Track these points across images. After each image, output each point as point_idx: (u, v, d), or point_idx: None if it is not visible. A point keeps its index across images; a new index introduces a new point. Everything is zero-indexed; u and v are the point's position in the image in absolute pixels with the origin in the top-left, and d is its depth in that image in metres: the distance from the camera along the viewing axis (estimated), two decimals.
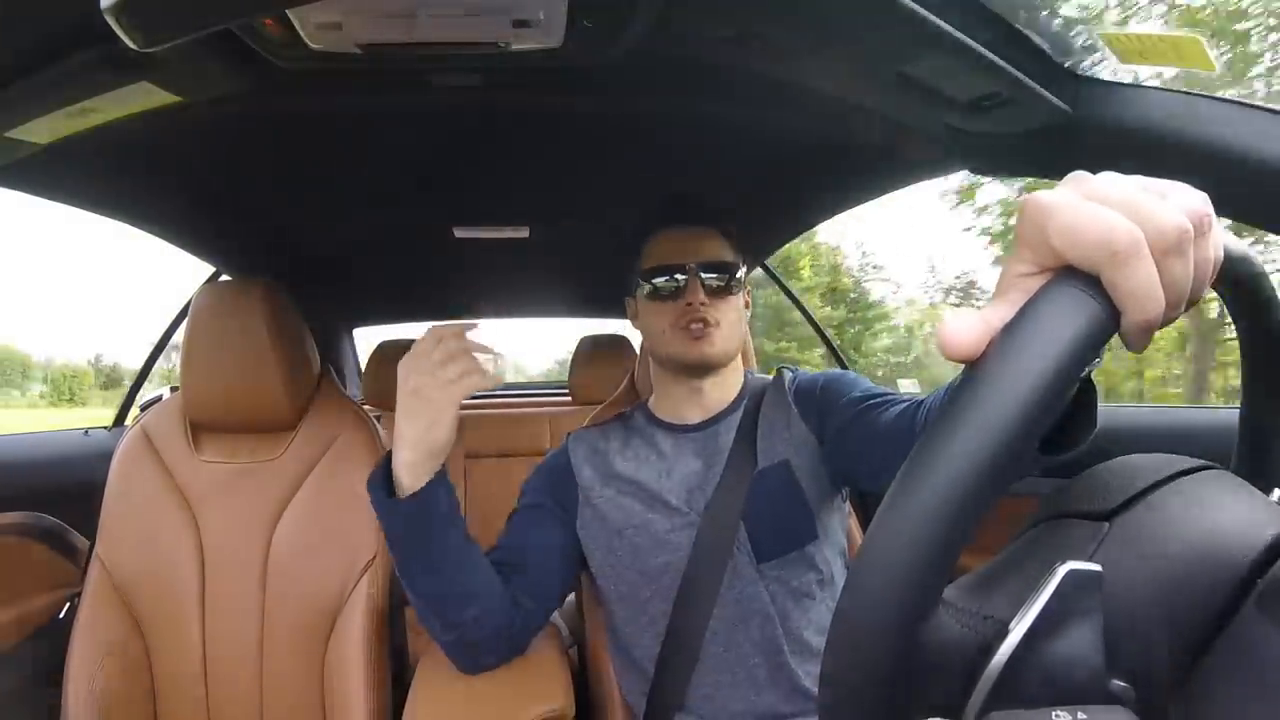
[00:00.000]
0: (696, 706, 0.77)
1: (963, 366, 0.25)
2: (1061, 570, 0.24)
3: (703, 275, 0.81)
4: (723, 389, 0.87)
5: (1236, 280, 0.29)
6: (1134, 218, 0.23)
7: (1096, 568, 0.24)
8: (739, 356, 0.88)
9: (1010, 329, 0.23)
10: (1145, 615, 0.24)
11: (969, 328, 0.24)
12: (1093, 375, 0.32)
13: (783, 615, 0.77)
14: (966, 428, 0.22)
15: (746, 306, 0.87)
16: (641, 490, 0.82)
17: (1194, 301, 0.25)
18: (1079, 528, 0.28)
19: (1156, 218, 0.23)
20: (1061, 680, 0.23)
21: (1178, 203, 0.24)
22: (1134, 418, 1.16)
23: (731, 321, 0.82)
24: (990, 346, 0.24)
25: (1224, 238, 0.27)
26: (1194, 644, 0.24)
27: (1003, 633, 0.24)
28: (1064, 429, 0.33)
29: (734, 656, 0.76)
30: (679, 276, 0.81)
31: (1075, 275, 0.23)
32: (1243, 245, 0.28)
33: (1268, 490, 0.30)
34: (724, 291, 0.82)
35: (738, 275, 0.84)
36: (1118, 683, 0.24)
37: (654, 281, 0.83)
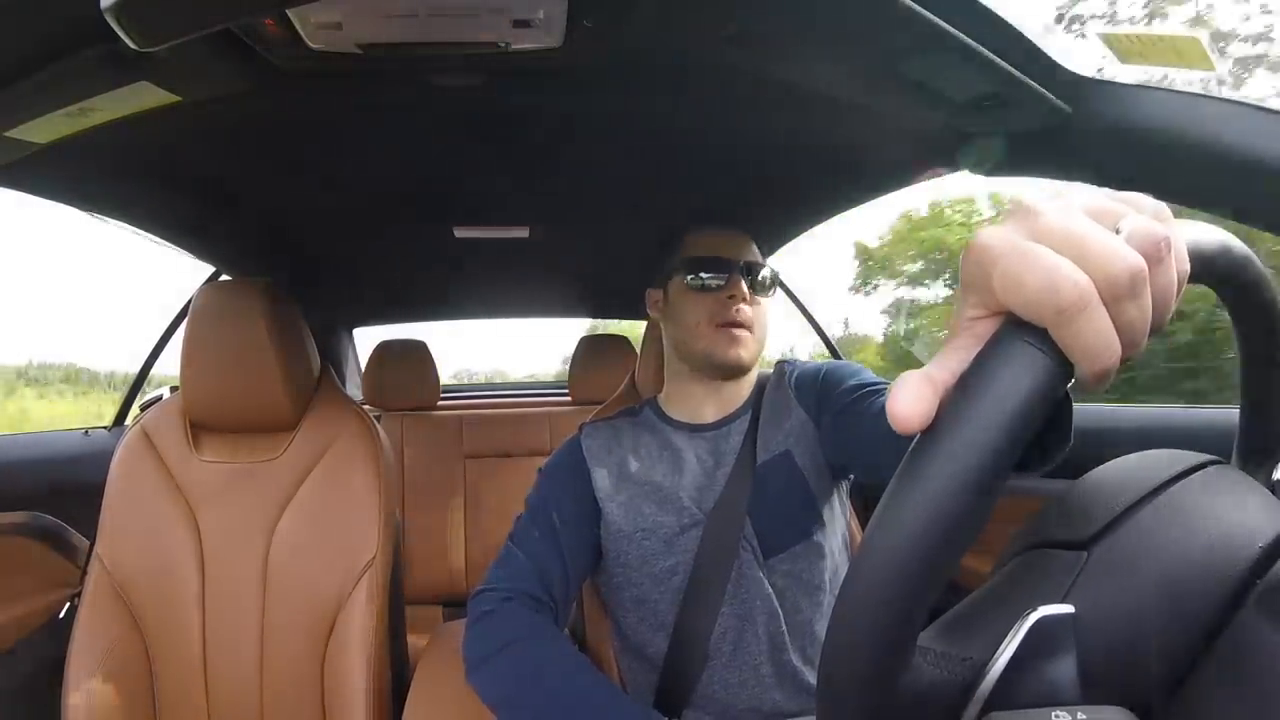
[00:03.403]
0: (704, 705, 0.77)
1: None
2: (1032, 617, 0.24)
3: (747, 276, 0.83)
4: (738, 390, 0.88)
5: (1228, 273, 0.28)
6: (1082, 262, 0.21)
7: (1068, 609, 0.25)
8: None
9: (959, 392, 0.23)
10: (1125, 644, 0.25)
11: (916, 397, 0.23)
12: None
13: (790, 611, 0.77)
14: (921, 501, 0.22)
15: None
16: (655, 491, 0.82)
17: (1157, 330, 0.23)
18: (1057, 559, 0.28)
19: (1106, 262, 0.21)
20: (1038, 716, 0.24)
21: (1132, 229, 0.22)
22: (1134, 417, 1.16)
23: (764, 327, 0.85)
24: (941, 409, 0.23)
25: (1205, 234, 0.26)
26: (1183, 660, 0.24)
27: (983, 674, 0.24)
28: (1043, 441, 0.33)
29: (741, 655, 0.76)
30: (721, 271, 0.83)
31: (1024, 325, 0.22)
32: (1227, 237, 0.27)
33: (1269, 478, 0.30)
34: (762, 293, 0.85)
35: (772, 282, 0.87)
36: None
37: (699, 272, 0.84)
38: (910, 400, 0.23)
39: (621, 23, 0.60)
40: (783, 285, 1.84)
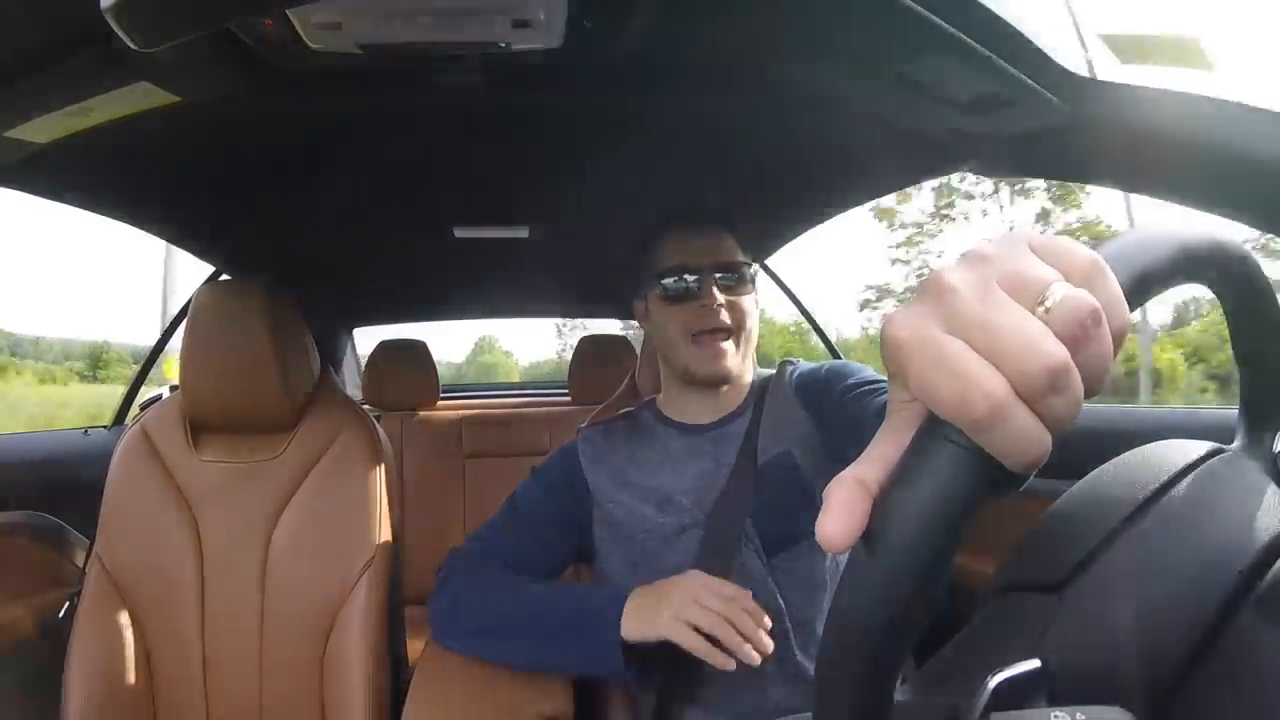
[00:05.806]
0: (707, 703, 0.78)
1: None
2: (995, 679, 0.25)
3: (717, 276, 0.81)
4: (735, 390, 0.87)
5: (1206, 271, 0.28)
6: (997, 360, 0.20)
7: (1033, 665, 0.25)
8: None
9: (890, 495, 0.22)
10: (1100, 680, 0.25)
11: (845, 514, 0.22)
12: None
13: (792, 609, 0.77)
14: (862, 615, 0.22)
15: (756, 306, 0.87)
16: (654, 494, 0.82)
17: (1093, 395, 0.21)
18: (1030, 604, 0.28)
19: (1024, 361, 0.20)
20: None
21: (1057, 304, 0.20)
22: (1134, 417, 1.16)
23: (747, 325, 0.83)
24: (875, 511, 0.22)
25: (1163, 243, 0.25)
26: (1178, 668, 0.24)
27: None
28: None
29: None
30: (690, 277, 0.82)
31: (947, 422, 0.21)
32: (1188, 234, 0.26)
33: (1270, 451, 0.30)
34: (739, 291, 0.83)
35: (751, 276, 0.85)
36: None
37: (666, 282, 0.83)
38: (837, 520, 0.22)
39: (621, 23, 0.60)
40: (781, 284, 1.85)
